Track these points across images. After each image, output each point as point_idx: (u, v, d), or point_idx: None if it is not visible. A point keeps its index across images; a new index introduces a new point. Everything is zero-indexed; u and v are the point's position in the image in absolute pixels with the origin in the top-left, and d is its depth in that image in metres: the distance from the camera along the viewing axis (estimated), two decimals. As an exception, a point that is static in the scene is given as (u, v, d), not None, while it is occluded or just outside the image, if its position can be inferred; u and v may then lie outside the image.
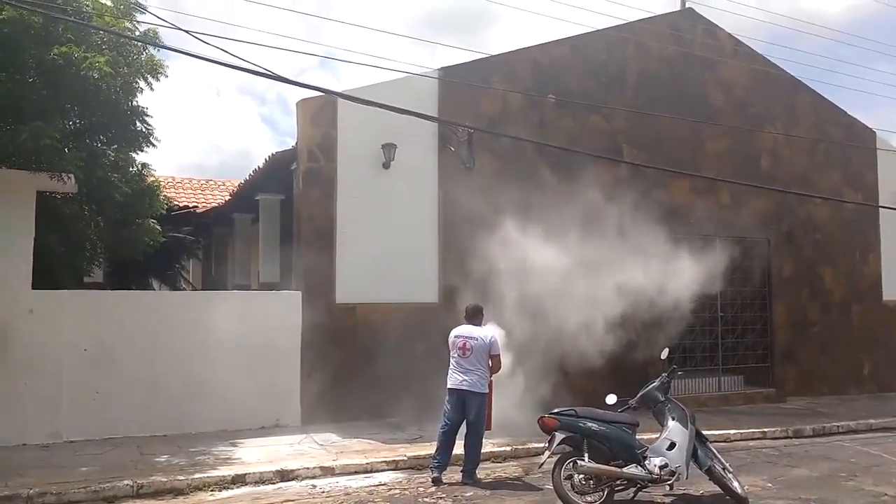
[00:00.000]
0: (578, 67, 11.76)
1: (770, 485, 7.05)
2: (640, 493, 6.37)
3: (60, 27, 8.18)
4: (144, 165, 10.56)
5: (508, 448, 8.56)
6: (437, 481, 7.05)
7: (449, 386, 7.31)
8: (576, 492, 6.05)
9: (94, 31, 8.38)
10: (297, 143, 10.10)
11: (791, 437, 9.97)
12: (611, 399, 6.74)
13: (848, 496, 6.56)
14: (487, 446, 8.48)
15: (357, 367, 9.99)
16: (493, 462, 8.21)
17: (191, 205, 15.03)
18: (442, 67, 10.88)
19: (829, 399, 13.09)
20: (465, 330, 7.46)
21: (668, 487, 6.35)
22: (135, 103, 9.42)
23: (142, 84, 9.41)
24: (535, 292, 10.80)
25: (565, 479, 6.09)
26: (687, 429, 6.45)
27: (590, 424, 6.24)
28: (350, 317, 10.09)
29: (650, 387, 6.82)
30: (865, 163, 14.35)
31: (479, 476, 7.29)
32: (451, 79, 10.74)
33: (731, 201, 12.68)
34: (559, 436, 6.25)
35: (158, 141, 10.01)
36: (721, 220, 12.43)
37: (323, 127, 10.10)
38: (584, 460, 6.07)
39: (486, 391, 7.25)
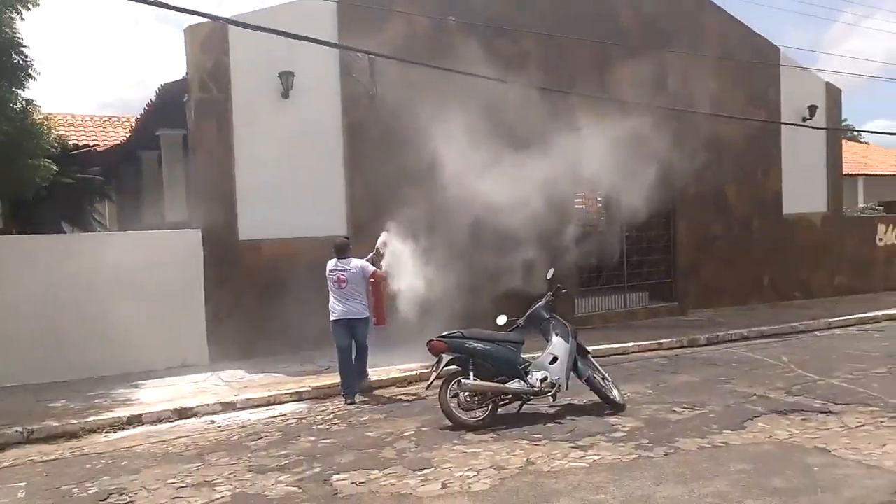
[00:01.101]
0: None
1: (650, 391, 7.45)
2: (525, 405, 6.64)
3: None
4: (29, 101, 10.02)
5: (414, 372, 8.75)
6: (351, 404, 7.54)
7: (333, 318, 7.78)
8: (462, 409, 6.27)
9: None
10: (187, 73, 9.70)
11: (686, 347, 10.51)
12: (501, 319, 6.93)
13: (718, 397, 7.00)
14: (393, 372, 8.76)
15: (264, 303, 9.97)
16: (398, 387, 8.41)
17: (91, 143, 14.35)
18: (339, -9, 10.51)
19: (731, 310, 13.78)
20: (337, 264, 7.87)
21: (551, 399, 6.64)
22: (7, 36, 8.84)
23: (14, 15, 8.85)
24: (445, 218, 10.94)
25: (452, 397, 6.30)
26: (568, 343, 6.71)
27: (475, 345, 6.43)
28: (255, 253, 9.99)
29: (536, 306, 7.04)
30: (769, 80, 14.70)
31: (370, 379, 8.16)
32: (351, 2, 10.40)
33: (640, 122, 12.86)
34: (446, 357, 6.43)
35: (38, 73, 9.54)
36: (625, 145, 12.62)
37: (214, 55, 9.71)
38: (468, 378, 6.27)
39: (367, 315, 7.87)
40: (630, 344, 10.38)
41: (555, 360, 6.67)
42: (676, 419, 6.29)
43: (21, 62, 9.19)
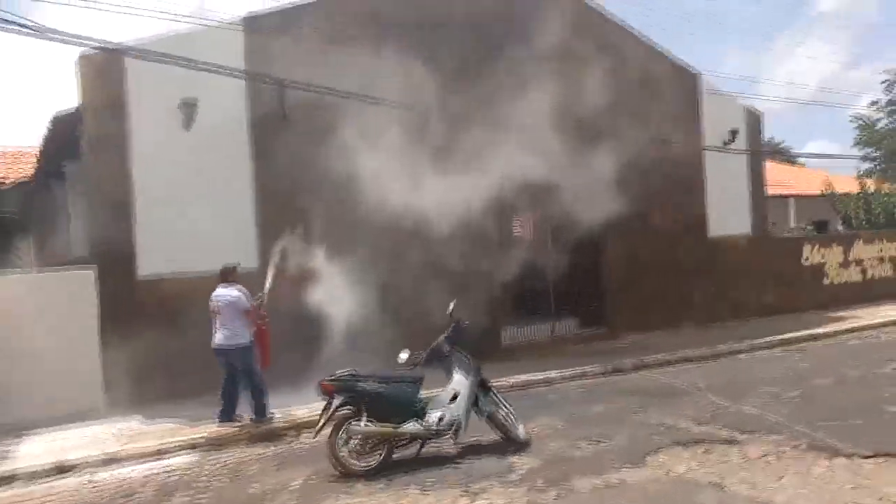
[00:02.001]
0: (400, 11, 11.35)
1: (560, 425, 7.19)
2: (425, 447, 6.29)
3: None
4: None
5: (323, 413, 8.31)
6: (222, 423, 7.77)
7: (212, 346, 7.85)
8: (355, 455, 5.90)
9: None
10: (80, 104, 9.22)
11: (611, 374, 10.32)
12: (402, 355, 6.62)
13: (626, 429, 6.78)
14: (302, 412, 8.31)
15: (166, 345, 9.37)
16: (306, 429, 7.94)
17: (-1, 177, 13.65)
18: (245, 16, 10.22)
19: (661, 333, 13.68)
20: (217, 292, 7.96)
21: (452, 439, 6.31)
22: None
23: None
24: (363, 245, 10.64)
25: (344, 443, 5.92)
26: (468, 379, 6.42)
27: (367, 385, 6.08)
28: (155, 291, 9.47)
29: (437, 341, 6.74)
30: (689, 105, 14.87)
31: (271, 413, 7.95)
32: (257, 27, 10.11)
33: (560, 152, 12.80)
34: (336, 400, 6.06)
35: None
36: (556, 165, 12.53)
37: (110, 85, 9.27)
38: (357, 422, 5.91)
39: (243, 343, 7.78)
40: (553, 373, 10.13)
41: (455, 397, 6.36)
42: (579, 456, 6.03)
43: None
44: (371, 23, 11.04)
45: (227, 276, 8.04)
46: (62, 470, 6.80)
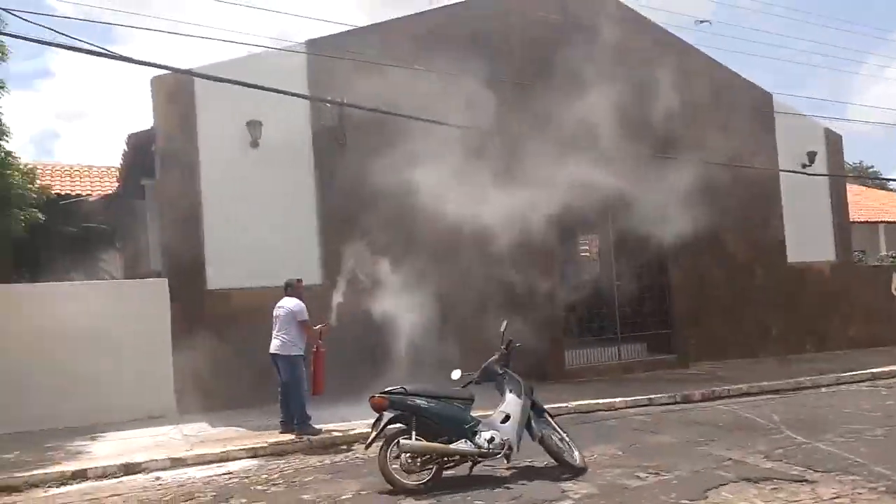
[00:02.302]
0: (459, 36, 11.42)
1: (620, 452, 6.95)
2: (477, 467, 6.20)
3: None
4: (8, 153, 10.17)
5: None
6: (284, 432, 8.03)
7: (270, 352, 8.21)
8: (404, 471, 5.87)
9: None
10: (154, 124, 9.69)
11: (678, 403, 9.94)
12: (455, 374, 6.56)
13: (690, 461, 6.47)
14: (361, 427, 8.34)
15: (234, 354, 9.68)
16: (362, 443, 7.99)
17: (83, 193, 14.45)
18: (309, 40, 10.53)
19: (735, 363, 13.17)
20: (280, 302, 8.33)
21: (504, 461, 6.20)
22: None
23: None
24: (422, 265, 10.68)
25: (394, 458, 5.90)
26: (521, 400, 6.30)
27: (418, 401, 6.04)
28: (224, 303, 9.80)
29: (489, 361, 6.64)
30: (763, 124, 14.32)
31: (315, 427, 8.00)
32: (320, 51, 10.38)
33: (627, 171, 12.53)
34: (387, 415, 6.06)
35: (9, 132, 9.78)
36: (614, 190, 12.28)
37: (181, 105, 9.72)
38: (408, 438, 5.88)
39: (294, 353, 8.01)
40: (617, 399, 9.84)
41: (507, 418, 6.25)
42: (636, 486, 5.80)
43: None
44: (429, 42, 11.12)
45: (287, 288, 8.37)
46: (129, 470, 7.06)
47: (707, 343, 13.39)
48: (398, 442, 5.87)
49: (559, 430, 6.48)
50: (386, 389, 6.17)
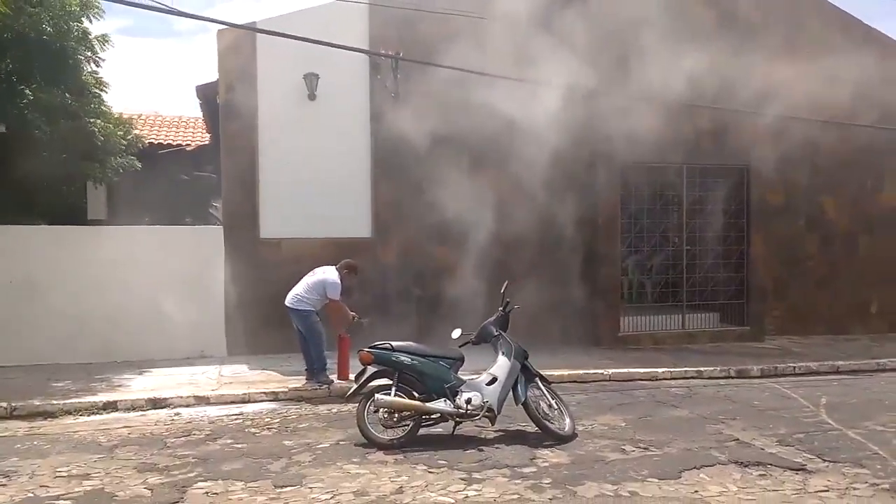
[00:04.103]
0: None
1: (623, 424, 6.61)
2: (463, 428, 6.14)
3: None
4: (100, 103, 10.94)
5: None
6: (308, 379, 8.22)
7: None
8: (383, 425, 5.91)
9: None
10: (217, 76, 10.06)
11: (731, 378, 9.30)
12: (455, 333, 6.47)
13: (689, 438, 6.04)
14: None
15: (281, 300, 10.05)
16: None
17: (183, 143, 15.36)
18: (371, -11, 10.43)
19: (821, 339, 12.11)
20: (321, 267, 8.29)
21: (488, 423, 6.09)
22: (68, 46, 9.68)
23: (82, 25, 9.73)
24: (473, 223, 10.56)
25: (374, 411, 5.95)
26: (509, 365, 6.12)
27: (402, 358, 6.02)
28: (275, 251, 10.15)
29: (486, 322, 6.48)
30: (884, 78, 12.69)
31: (328, 377, 8.16)
32: (382, 2, 10.26)
33: (711, 125, 11.63)
34: (371, 369, 6.10)
35: (107, 85, 10.53)
36: (690, 145, 11.46)
37: (242, 58, 10.02)
38: (385, 393, 5.89)
39: (305, 309, 8.08)
40: (661, 370, 9.33)
41: (493, 380, 6.10)
42: (613, 458, 5.50)
43: (91, 72, 10.16)
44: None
45: (342, 266, 8.23)
46: (156, 404, 7.58)
47: (792, 316, 12.38)
48: (374, 397, 5.91)
49: (549, 396, 6.26)
50: (372, 345, 6.19)
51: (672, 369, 9.38)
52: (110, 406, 7.49)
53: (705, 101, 11.05)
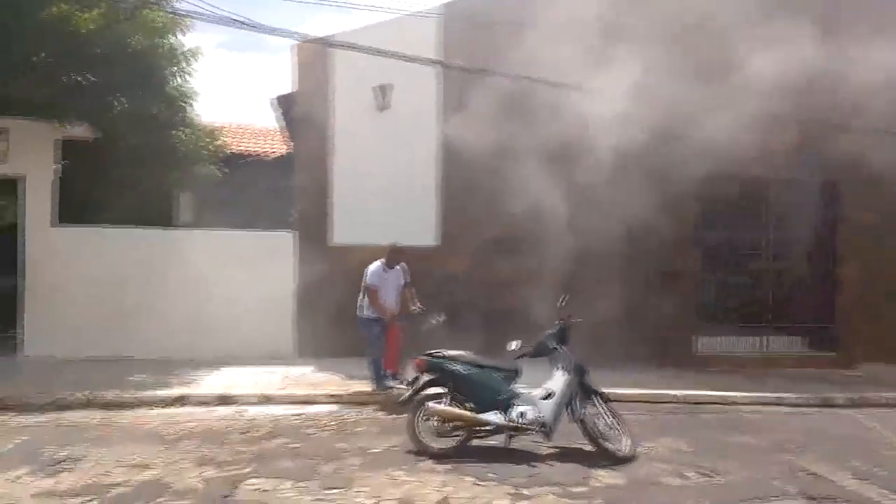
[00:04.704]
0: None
1: (686, 448, 6.31)
2: (519, 442, 6.03)
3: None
4: (187, 113, 11.44)
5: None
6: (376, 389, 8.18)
7: None
8: (436, 434, 5.88)
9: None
10: (293, 88, 10.37)
11: (813, 406, 8.75)
12: (512, 345, 6.37)
13: (754, 467, 5.71)
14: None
15: (350, 307, 10.19)
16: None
17: (262, 152, 15.87)
18: (445, 3, 10.52)
19: (918, 368, 11.24)
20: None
21: (545, 438, 5.95)
22: (156, 60, 10.24)
23: (169, 40, 10.28)
24: (541, 236, 10.42)
25: (425, 420, 5.93)
26: (565, 379, 5.97)
27: (455, 367, 5.99)
28: (345, 258, 10.28)
29: (544, 335, 6.35)
30: None
31: (386, 384, 8.17)
32: (457, 14, 10.34)
33: (799, 137, 11.04)
34: (424, 377, 6.09)
35: (195, 96, 11.04)
36: (776, 160, 10.91)
37: (317, 70, 10.28)
38: (437, 402, 5.86)
39: (361, 315, 8.25)
40: (737, 394, 8.88)
41: (549, 395, 5.97)
42: (671, 484, 5.27)
43: (178, 84, 10.70)
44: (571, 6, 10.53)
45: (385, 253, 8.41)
46: (223, 401, 7.83)
47: (886, 343, 11.50)
48: (426, 405, 5.89)
49: (608, 414, 6.06)
50: (427, 352, 6.19)
51: (748, 394, 8.92)
52: (181, 400, 7.79)
53: (794, 111, 10.49)
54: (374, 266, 8.26)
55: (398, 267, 8.41)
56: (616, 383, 8.68)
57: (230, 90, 34.96)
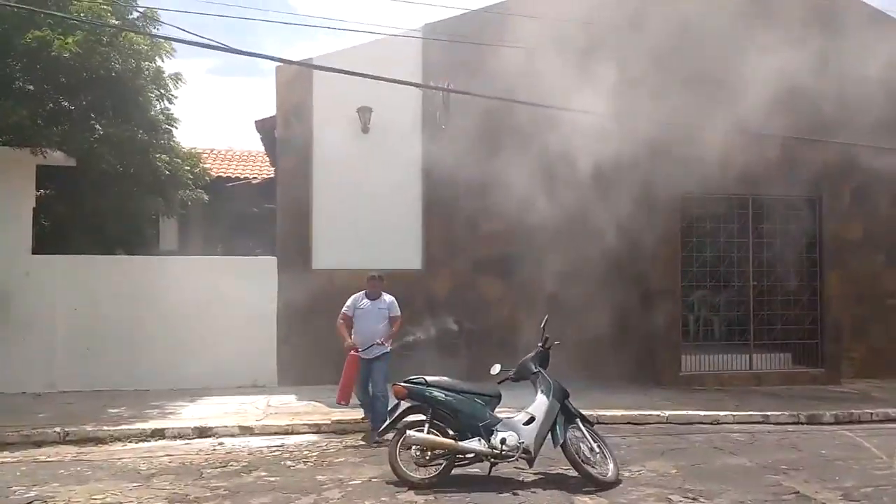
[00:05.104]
0: (586, 14, 10.70)
1: (674, 471, 6.21)
2: (501, 469, 5.90)
3: (42, 14, 8.90)
4: (170, 138, 11.35)
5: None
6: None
7: None
8: (414, 463, 5.74)
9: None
10: (276, 111, 10.31)
11: (801, 424, 8.67)
12: (494, 369, 6.27)
13: (743, 489, 5.60)
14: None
15: (333, 331, 10.07)
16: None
17: (250, 176, 15.78)
18: (426, 24, 10.52)
19: (903, 384, 11.22)
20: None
21: (526, 465, 5.83)
22: (138, 84, 10.18)
23: (152, 64, 10.24)
24: (525, 256, 10.41)
25: (406, 448, 5.80)
26: (547, 404, 5.86)
27: (435, 393, 5.87)
28: (327, 283, 10.17)
29: (525, 358, 6.25)
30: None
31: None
32: (437, 35, 10.32)
33: (780, 154, 11.06)
34: (404, 404, 5.97)
35: (178, 121, 10.95)
36: (758, 177, 10.91)
37: (298, 93, 10.24)
38: (417, 430, 5.73)
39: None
40: (723, 413, 8.79)
41: (531, 420, 5.85)
42: (656, 510, 5.16)
43: (161, 109, 10.64)
44: (552, 26, 10.56)
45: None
46: (202, 433, 7.65)
47: (872, 358, 11.55)
48: (406, 433, 5.76)
49: (591, 438, 5.95)
50: (407, 378, 6.07)
51: (735, 413, 8.82)
52: (158, 434, 7.61)
53: (773, 129, 10.52)
54: (356, 295, 7.90)
55: (385, 298, 7.84)
56: (602, 404, 8.63)
57: (220, 115, 34.89)
